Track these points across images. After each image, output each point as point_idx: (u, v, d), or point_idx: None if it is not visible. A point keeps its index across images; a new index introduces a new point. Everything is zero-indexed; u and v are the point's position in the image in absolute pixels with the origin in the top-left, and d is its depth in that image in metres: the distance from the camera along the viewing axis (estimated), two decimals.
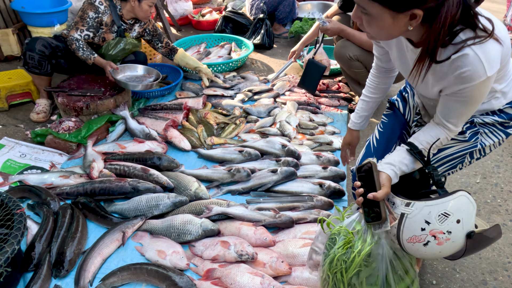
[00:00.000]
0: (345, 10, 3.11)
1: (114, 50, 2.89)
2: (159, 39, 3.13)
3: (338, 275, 1.33)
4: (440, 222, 1.20)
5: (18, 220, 1.62)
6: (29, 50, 2.66)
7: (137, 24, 2.98)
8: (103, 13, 2.72)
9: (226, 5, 5.27)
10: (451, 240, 1.22)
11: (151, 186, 2.11)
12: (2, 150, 2.44)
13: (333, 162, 2.38)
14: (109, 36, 2.85)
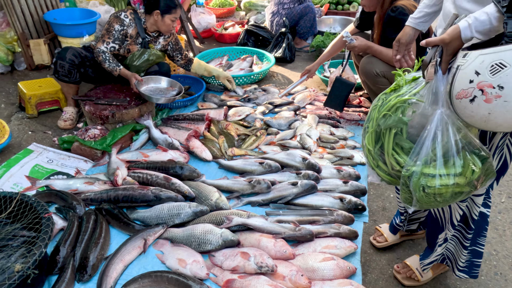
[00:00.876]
0: (362, 29, 3.13)
1: (139, 61, 2.97)
2: (180, 52, 3.21)
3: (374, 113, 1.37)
4: (491, 73, 1.01)
5: (46, 223, 1.67)
6: (60, 59, 2.76)
7: (161, 37, 3.06)
8: (128, 25, 2.82)
9: (248, 19, 5.36)
10: (502, 99, 1.01)
11: (173, 195, 2.14)
12: (31, 156, 2.52)
13: (354, 177, 2.37)
14: (134, 48, 2.94)
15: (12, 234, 1.73)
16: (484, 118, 1.07)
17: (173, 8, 2.83)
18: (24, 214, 1.77)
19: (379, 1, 2.69)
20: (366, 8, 2.82)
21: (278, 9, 4.48)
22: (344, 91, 3.01)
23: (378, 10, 2.74)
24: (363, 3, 2.78)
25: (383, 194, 2.37)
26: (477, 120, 1.09)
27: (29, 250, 1.57)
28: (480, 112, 1.06)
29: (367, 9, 2.82)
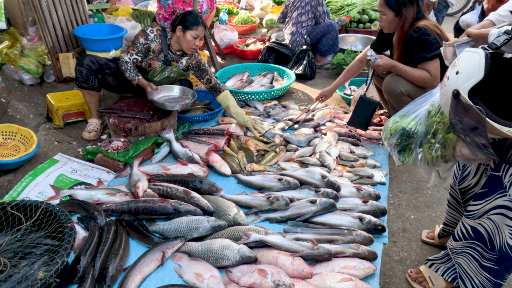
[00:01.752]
0: (379, 51, 3.12)
1: (159, 77, 3.05)
2: (200, 75, 3.17)
3: None
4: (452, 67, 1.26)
5: (68, 233, 1.71)
6: (79, 65, 2.88)
7: (185, 57, 3.12)
8: (152, 40, 2.91)
9: (270, 36, 5.44)
10: (445, 88, 1.25)
11: (192, 209, 2.16)
12: (56, 165, 2.60)
13: (374, 196, 2.34)
14: (155, 63, 3.01)
15: (36, 242, 1.77)
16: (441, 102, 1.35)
17: (195, 25, 2.87)
18: (48, 222, 1.82)
19: (399, 23, 2.69)
20: (385, 30, 2.82)
21: (297, 28, 4.54)
22: (368, 110, 2.98)
23: (398, 32, 2.74)
24: (382, 25, 2.79)
25: (404, 215, 2.32)
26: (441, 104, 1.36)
27: (52, 259, 1.60)
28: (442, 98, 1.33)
29: (386, 31, 2.83)
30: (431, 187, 2.58)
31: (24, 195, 2.30)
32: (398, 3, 2.62)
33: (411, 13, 2.64)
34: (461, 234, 1.67)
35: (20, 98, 3.38)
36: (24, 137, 2.70)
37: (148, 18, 4.84)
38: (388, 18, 2.70)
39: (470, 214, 1.62)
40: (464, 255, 1.69)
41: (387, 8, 2.67)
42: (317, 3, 4.39)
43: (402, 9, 2.63)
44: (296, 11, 4.51)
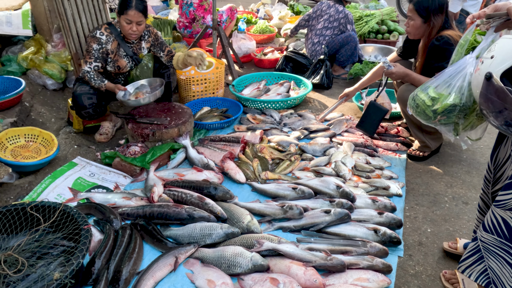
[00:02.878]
0: (405, 58, 3.11)
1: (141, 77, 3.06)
2: (160, 48, 3.08)
3: None
4: (487, 52, 1.33)
5: (85, 235, 1.74)
6: (82, 109, 2.82)
7: (143, 41, 3.02)
8: (106, 42, 2.83)
9: (287, 45, 5.46)
10: (479, 72, 1.32)
11: (206, 215, 2.17)
12: (75, 168, 2.66)
13: (390, 208, 2.31)
14: (123, 62, 2.95)
15: (53, 242, 1.81)
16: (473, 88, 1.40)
17: (125, 9, 2.70)
18: (65, 224, 1.86)
19: (426, 30, 2.67)
20: (411, 36, 2.79)
21: (320, 40, 4.54)
22: (377, 116, 2.98)
23: (424, 39, 2.71)
24: (408, 31, 2.76)
25: (420, 228, 2.28)
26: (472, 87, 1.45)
27: (68, 260, 1.63)
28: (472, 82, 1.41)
29: (411, 37, 2.81)
30: (448, 201, 2.53)
31: (44, 196, 2.36)
32: (428, 10, 2.59)
33: (439, 21, 2.61)
34: (491, 225, 1.58)
35: (43, 102, 3.48)
36: (46, 140, 2.77)
37: (169, 26, 4.94)
38: (416, 24, 2.67)
39: (499, 204, 1.53)
40: (497, 257, 1.60)
41: (416, 13, 2.64)
42: (346, 21, 4.40)
43: (431, 16, 2.60)
44: (321, 24, 4.52)
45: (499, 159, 1.73)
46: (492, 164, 1.77)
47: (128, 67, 3.03)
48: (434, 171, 2.85)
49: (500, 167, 1.73)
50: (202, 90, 3.71)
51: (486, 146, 3.20)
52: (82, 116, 2.91)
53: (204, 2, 4.68)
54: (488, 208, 1.86)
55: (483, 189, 1.87)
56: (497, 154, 1.74)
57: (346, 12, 4.41)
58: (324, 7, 4.55)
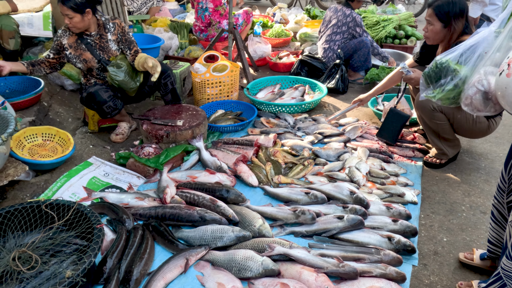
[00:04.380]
0: (422, 64, 3.05)
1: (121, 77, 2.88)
2: (128, 46, 2.94)
3: None
4: None
5: (97, 234, 1.75)
6: (102, 104, 2.86)
7: (108, 33, 2.91)
8: (61, 36, 2.85)
9: (303, 49, 5.44)
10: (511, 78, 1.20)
11: (218, 218, 2.17)
12: (90, 168, 2.69)
13: (405, 216, 2.26)
14: (87, 55, 2.87)
15: (66, 241, 1.83)
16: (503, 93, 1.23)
17: (58, 2, 2.66)
18: (79, 223, 1.88)
19: (446, 35, 2.62)
20: (430, 41, 2.75)
21: (330, 45, 4.52)
22: (398, 123, 2.92)
23: (444, 44, 2.66)
24: (427, 35, 2.71)
25: (435, 237, 2.22)
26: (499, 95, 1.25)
27: (80, 258, 1.64)
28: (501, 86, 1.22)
29: (430, 42, 2.76)
30: (466, 210, 2.47)
31: (59, 195, 2.39)
32: (448, 14, 2.54)
33: (460, 26, 2.56)
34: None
35: (61, 102, 3.54)
36: (62, 139, 2.81)
37: (185, 29, 4.98)
38: (435, 28, 2.63)
39: None
40: None
41: (436, 18, 2.59)
42: (355, 24, 4.36)
43: (452, 21, 2.55)
44: (330, 29, 4.50)
45: None
46: (506, 174, 1.72)
47: (96, 59, 2.90)
48: (451, 179, 2.78)
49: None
50: (217, 93, 3.72)
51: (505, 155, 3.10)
52: (104, 113, 2.93)
53: (219, 7, 4.71)
54: (504, 218, 1.80)
55: (497, 198, 1.82)
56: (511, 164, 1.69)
57: (353, 15, 4.36)
58: (332, 12, 4.52)
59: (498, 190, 1.80)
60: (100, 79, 3.03)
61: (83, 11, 2.71)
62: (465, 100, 1.54)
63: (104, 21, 2.93)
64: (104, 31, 2.93)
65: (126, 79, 2.90)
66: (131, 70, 2.95)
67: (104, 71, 2.96)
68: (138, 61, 2.88)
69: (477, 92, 1.47)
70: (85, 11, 2.72)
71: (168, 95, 3.18)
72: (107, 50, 2.93)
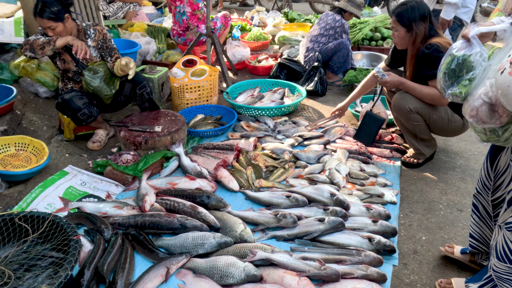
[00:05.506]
0: (393, 67, 3.12)
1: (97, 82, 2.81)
2: (109, 54, 2.91)
3: None
4: None
5: (73, 246, 1.70)
6: (76, 111, 2.78)
7: (89, 38, 2.87)
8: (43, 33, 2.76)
9: (282, 52, 5.47)
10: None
11: (198, 224, 2.14)
12: (66, 177, 2.62)
13: (384, 216, 2.29)
14: (67, 56, 2.84)
15: (41, 254, 1.77)
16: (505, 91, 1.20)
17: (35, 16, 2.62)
18: (55, 235, 1.82)
19: (410, 39, 2.69)
20: (398, 46, 2.84)
21: (314, 46, 4.56)
22: (374, 126, 2.97)
23: (410, 48, 2.74)
24: (395, 41, 2.81)
25: (415, 236, 2.26)
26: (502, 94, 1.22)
27: (56, 272, 1.59)
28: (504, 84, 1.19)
29: (399, 47, 2.84)
30: (443, 208, 2.52)
31: (33, 206, 2.32)
32: (409, 19, 2.63)
33: (422, 29, 2.64)
34: (503, 253, 1.52)
35: (35, 110, 3.44)
36: (36, 148, 2.74)
37: (162, 33, 4.93)
38: (400, 34, 2.72)
39: (510, 227, 1.48)
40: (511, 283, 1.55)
41: (398, 24, 2.69)
42: (342, 30, 4.44)
43: (413, 25, 2.63)
44: (317, 31, 4.54)
45: (499, 167, 1.73)
46: (492, 171, 1.77)
47: (75, 61, 2.84)
48: (428, 178, 2.84)
49: (500, 175, 1.73)
50: (196, 97, 3.69)
51: (480, 153, 3.20)
52: (79, 121, 2.86)
53: (197, 12, 4.68)
54: (489, 215, 1.84)
55: (482, 195, 1.85)
56: (498, 161, 1.74)
57: (343, 22, 4.44)
58: (324, 16, 4.60)
59: (483, 187, 1.83)
60: (77, 83, 2.97)
61: (63, 18, 2.67)
62: (471, 112, 1.52)
63: (85, 27, 2.89)
64: (84, 37, 2.88)
65: (102, 85, 2.84)
66: (108, 77, 2.89)
67: (81, 75, 2.90)
68: (117, 66, 2.83)
69: (483, 104, 1.46)
70: (65, 17, 2.68)
71: (145, 104, 3.13)
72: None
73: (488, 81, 1.47)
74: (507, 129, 1.45)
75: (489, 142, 1.56)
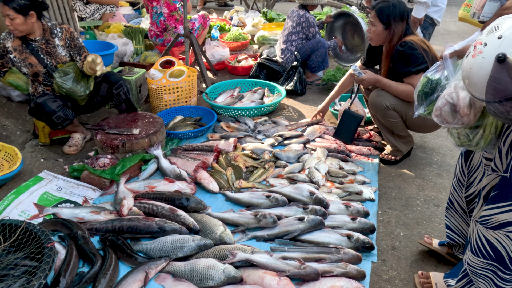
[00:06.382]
0: (369, 66, 3.17)
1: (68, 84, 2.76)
2: (78, 52, 2.84)
3: None
4: (487, 33, 1.19)
5: (47, 254, 1.66)
6: (51, 115, 2.71)
7: (55, 38, 2.80)
8: (4, 38, 2.73)
9: (261, 52, 5.47)
10: (481, 55, 1.19)
11: (177, 227, 2.12)
12: (41, 183, 2.55)
13: (363, 213, 2.32)
14: (32, 59, 2.76)
15: (14, 263, 1.72)
16: (467, 74, 1.22)
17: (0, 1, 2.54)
18: (28, 243, 1.77)
19: (387, 36, 2.73)
20: (373, 42, 2.86)
21: (287, 46, 4.57)
22: (353, 123, 3.01)
23: (386, 46, 2.77)
24: (371, 37, 2.82)
25: (393, 233, 2.29)
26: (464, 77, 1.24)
27: (29, 281, 1.55)
28: (466, 67, 1.21)
29: (373, 43, 2.87)
30: (420, 204, 2.56)
31: (6, 214, 2.25)
32: (389, 17, 2.66)
33: (400, 29, 2.67)
34: (477, 248, 1.55)
35: (8, 114, 3.35)
36: (9, 154, 2.66)
37: (140, 34, 4.86)
38: (377, 30, 2.74)
39: (483, 221, 1.50)
40: (485, 279, 1.57)
41: (378, 20, 2.71)
42: (308, 24, 4.43)
43: (391, 23, 2.66)
44: (287, 30, 4.55)
45: (473, 163, 1.77)
46: (466, 167, 1.80)
47: (43, 64, 2.77)
48: (406, 174, 2.89)
49: (473, 172, 1.77)
50: (175, 99, 3.65)
51: (456, 149, 3.27)
52: (54, 124, 2.77)
53: (174, 13, 4.64)
54: (464, 211, 1.88)
55: (457, 192, 1.88)
56: (472, 158, 1.77)
57: (307, 16, 4.41)
58: (290, 13, 4.60)
59: (458, 183, 1.86)
60: (48, 86, 2.89)
61: (26, 13, 2.59)
62: (435, 111, 1.58)
63: (51, 26, 2.81)
64: (50, 36, 2.80)
65: (74, 86, 2.78)
66: (80, 77, 2.83)
67: (51, 77, 2.83)
68: (85, 64, 2.74)
69: (446, 104, 1.51)
70: (29, 14, 2.60)
71: (122, 105, 3.08)
72: (55, 55, 2.81)
73: (453, 83, 1.51)
74: (477, 133, 1.49)
75: (463, 146, 1.60)
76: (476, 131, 1.49)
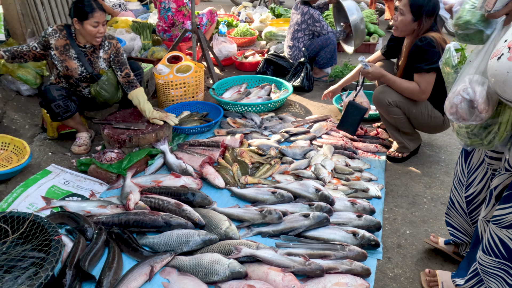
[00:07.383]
0: (388, 57, 3.11)
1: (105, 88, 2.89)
2: (119, 68, 2.92)
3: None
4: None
5: (55, 246, 1.68)
6: (51, 102, 2.73)
7: (101, 50, 2.88)
8: (50, 34, 2.73)
9: (268, 48, 5.46)
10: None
11: (183, 222, 2.13)
12: (49, 176, 2.58)
13: (369, 211, 2.31)
14: (71, 63, 2.79)
15: (22, 255, 1.74)
16: (503, 78, 1.14)
17: (90, 13, 2.62)
18: (35, 235, 1.79)
19: (414, 30, 2.63)
20: (397, 32, 2.73)
21: (294, 43, 4.54)
22: (357, 115, 2.96)
23: (410, 38, 2.70)
24: (396, 25, 2.70)
25: (399, 230, 2.28)
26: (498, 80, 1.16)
27: (36, 273, 1.57)
28: (502, 71, 1.13)
29: (396, 33, 2.75)
30: (427, 202, 2.55)
31: (14, 206, 2.28)
32: (421, 9, 2.55)
33: (428, 24, 2.58)
34: (489, 247, 1.53)
35: (17, 108, 3.38)
36: (17, 147, 2.69)
37: (148, 30, 4.87)
38: (405, 20, 2.62)
39: (496, 220, 1.48)
40: (496, 278, 1.55)
41: (408, 10, 2.58)
42: (313, 20, 4.38)
43: (423, 17, 2.56)
44: (293, 27, 4.53)
45: (472, 163, 1.75)
46: (466, 167, 1.79)
47: (79, 71, 2.82)
48: (413, 172, 2.87)
49: (473, 172, 1.75)
50: (182, 94, 3.66)
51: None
52: (53, 114, 2.77)
53: (182, 8, 4.64)
54: (464, 211, 1.87)
55: (458, 191, 1.87)
56: (471, 158, 1.75)
57: (311, 12, 4.35)
58: (294, 10, 4.56)
59: (459, 183, 1.85)
60: (73, 87, 2.93)
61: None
62: (451, 109, 1.49)
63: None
64: (97, 47, 2.87)
65: (113, 93, 2.94)
66: (116, 86, 2.98)
67: (84, 82, 2.90)
68: (134, 97, 2.91)
69: (463, 101, 1.44)
70: None
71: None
72: (95, 66, 2.88)
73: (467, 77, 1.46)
74: (490, 131, 1.44)
75: (473, 146, 1.54)
76: (489, 129, 1.45)
